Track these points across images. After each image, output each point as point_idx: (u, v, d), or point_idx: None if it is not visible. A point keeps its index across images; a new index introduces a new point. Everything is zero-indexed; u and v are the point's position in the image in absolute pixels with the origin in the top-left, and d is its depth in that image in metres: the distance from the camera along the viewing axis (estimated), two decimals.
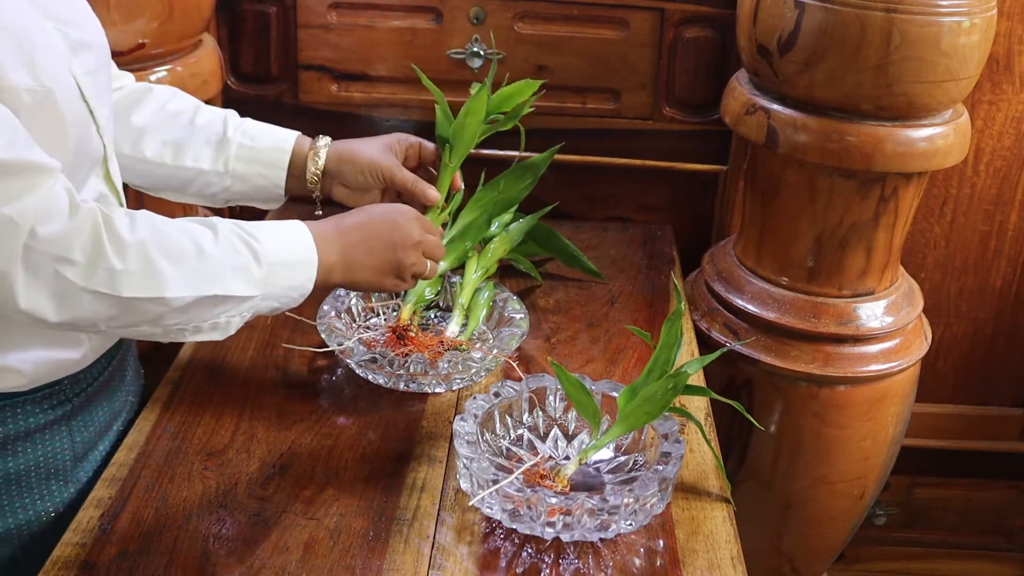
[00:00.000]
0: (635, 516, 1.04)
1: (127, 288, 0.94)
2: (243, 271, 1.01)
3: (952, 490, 2.13)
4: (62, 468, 1.12)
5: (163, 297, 0.96)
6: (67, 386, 1.11)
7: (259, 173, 1.25)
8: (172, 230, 0.99)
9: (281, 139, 1.27)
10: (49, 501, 1.11)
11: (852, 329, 1.52)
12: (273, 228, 1.06)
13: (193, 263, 0.98)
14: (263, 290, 1.03)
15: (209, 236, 1.01)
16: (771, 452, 1.60)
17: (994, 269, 1.92)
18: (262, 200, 1.29)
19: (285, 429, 1.21)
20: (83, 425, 1.14)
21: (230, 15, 1.71)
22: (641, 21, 1.70)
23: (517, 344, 1.32)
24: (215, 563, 1.01)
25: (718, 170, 1.78)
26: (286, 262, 1.05)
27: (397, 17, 1.70)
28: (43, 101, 0.93)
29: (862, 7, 1.32)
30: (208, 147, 1.23)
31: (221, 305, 1.01)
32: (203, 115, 1.24)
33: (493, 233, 1.49)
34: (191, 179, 1.24)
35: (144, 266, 0.95)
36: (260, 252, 1.02)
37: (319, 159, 1.26)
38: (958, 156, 1.46)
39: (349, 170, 1.26)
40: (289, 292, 1.06)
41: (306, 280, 1.07)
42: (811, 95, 1.41)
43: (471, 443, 1.09)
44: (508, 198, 1.50)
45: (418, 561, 1.03)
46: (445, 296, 1.45)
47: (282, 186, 1.27)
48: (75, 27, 1.02)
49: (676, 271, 1.65)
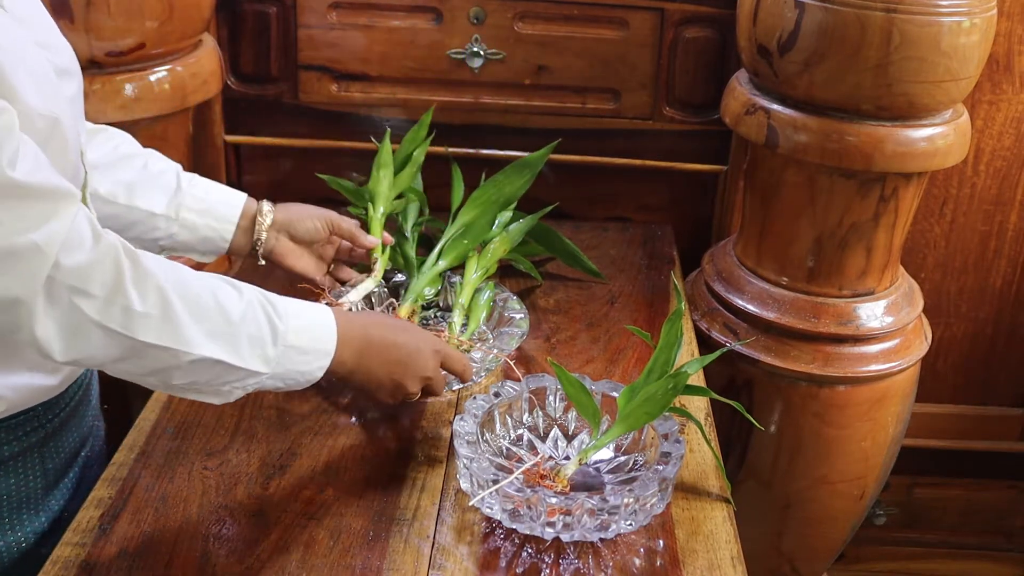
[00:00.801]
0: (635, 516, 1.04)
1: (142, 331, 0.92)
2: (259, 345, 0.99)
3: (952, 490, 2.13)
4: (33, 497, 1.10)
5: (177, 349, 0.94)
6: (41, 412, 1.08)
7: (209, 225, 1.27)
8: (196, 282, 0.97)
9: (232, 195, 1.31)
10: (20, 531, 1.09)
11: (852, 329, 1.52)
12: (299, 308, 1.04)
13: (214, 322, 0.96)
14: (273, 369, 1.00)
15: (234, 298, 0.98)
16: (771, 452, 1.60)
17: (994, 269, 1.92)
18: (202, 252, 1.30)
19: (285, 429, 1.21)
20: (54, 451, 1.12)
21: (230, 15, 1.71)
22: (641, 21, 1.70)
23: (517, 344, 1.32)
24: (215, 563, 1.01)
25: (718, 170, 1.78)
26: (303, 347, 1.02)
27: (397, 17, 1.70)
28: (53, 127, 0.92)
29: (862, 7, 1.32)
30: (162, 193, 1.24)
31: (230, 374, 0.98)
32: (155, 163, 1.26)
33: (493, 233, 1.49)
34: (138, 221, 1.23)
35: (164, 313, 0.93)
36: (280, 331, 1.00)
37: (268, 215, 1.31)
38: (958, 156, 1.46)
39: (298, 219, 1.33)
40: (297, 376, 1.04)
41: (317, 368, 1.04)
42: (811, 95, 1.41)
43: (471, 443, 1.09)
44: (506, 195, 1.51)
45: (418, 561, 1.03)
46: (445, 296, 1.45)
47: (228, 239, 1.29)
48: (57, 53, 1.00)
49: (676, 271, 1.65)
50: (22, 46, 0.91)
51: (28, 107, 0.88)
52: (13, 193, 0.84)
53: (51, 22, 1.03)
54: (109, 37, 1.44)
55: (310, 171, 1.74)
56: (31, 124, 0.88)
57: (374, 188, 1.46)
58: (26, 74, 0.89)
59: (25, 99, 0.88)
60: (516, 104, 1.75)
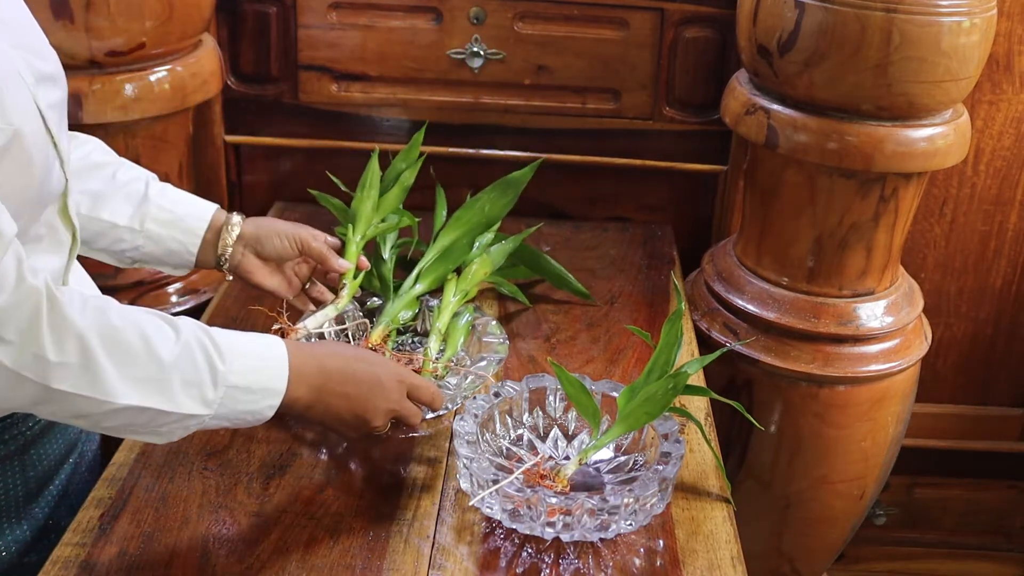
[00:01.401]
0: (635, 516, 1.04)
1: (57, 380, 0.87)
2: (195, 388, 0.93)
3: (952, 490, 2.13)
4: (14, 505, 1.07)
5: (97, 398, 0.89)
6: (20, 420, 1.05)
7: (174, 237, 1.22)
8: (126, 324, 0.91)
9: (200, 207, 1.25)
10: (1, 540, 1.07)
11: (852, 329, 1.52)
12: (246, 346, 0.98)
13: (140, 368, 0.90)
14: (216, 411, 0.95)
15: (169, 338, 0.93)
16: (771, 452, 1.60)
17: (994, 269, 1.92)
18: (171, 265, 1.26)
19: (285, 429, 1.21)
20: (36, 460, 1.09)
21: (230, 15, 1.71)
22: (641, 21, 1.70)
23: (495, 369, 1.27)
24: (215, 563, 1.01)
25: (718, 170, 1.78)
26: (248, 386, 0.96)
27: (397, 17, 1.70)
28: (10, 141, 0.86)
29: (862, 7, 1.32)
30: (127, 204, 1.19)
31: (163, 418, 0.93)
32: (125, 172, 1.21)
33: (473, 255, 1.43)
34: (102, 232, 1.19)
35: (83, 362, 0.88)
36: (220, 372, 0.94)
37: (234, 229, 1.24)
38: (958, 156, 1.46)
39: (266, 235, 1.25)
40: (245, 416, 0.98)
41: (266, 408, 0.98)
42: (811, 95, 1.41)
43: (471, 443, 1.09)
44: (489, 216, 1.46)
45: (418, 561, 1.03)
46: (423, 320, 1.39)
47: (194, 252, 1.24)
48: (39, 58, 0.96)
49: (676, 271, 1.65)
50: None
51: None
52: None
53: (36, 27, 0.99)
54: (109, 37, 1.44)
55: (310, 171, 1.74)
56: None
57: (356, 209, 1.37)
58: None
59: None
60: (516, 104, 1.75)
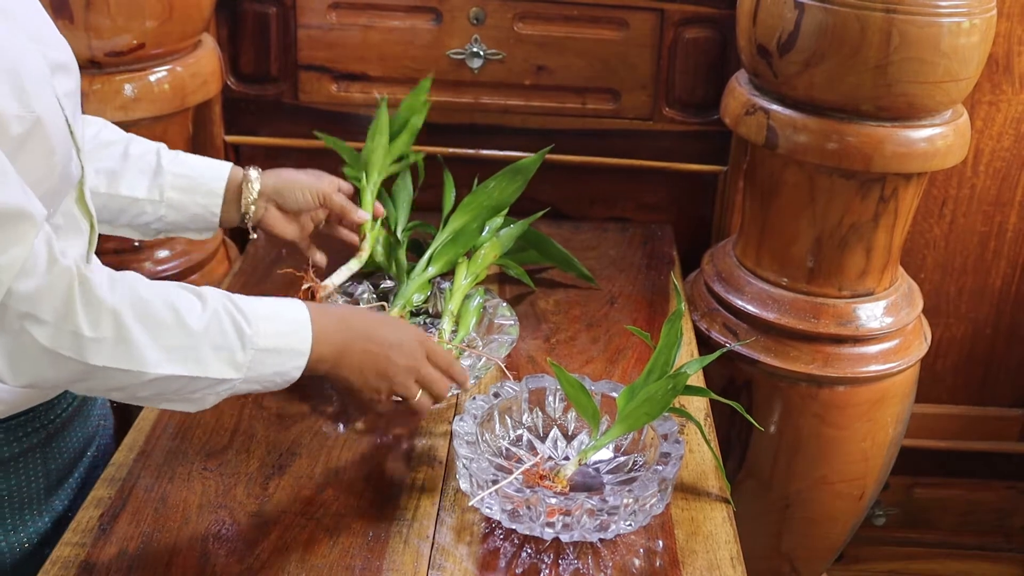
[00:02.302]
0: (635, 516, 1.04)
1: (95, 356, 0.90)
2: (225, 352, 0.96)
3: (952, 490, 2.13)
4: (35, 497, 1.10)
5: (133, 370, 0.92)
6: (42, 413, 1.08)
7: (195, 201, 1.24)
8: (154, 297, 0.94)
9: (216, 167, 1.27)
10: (23, 532, 1.09)
11: (852, 330, 1.52)
12: (271, 308, 1.01)
13: (172, 337, 0.93)
14: (245, 374, 0.98)
15: (196, 308, 0.95)
16: (771, 452, 1.60)
17: (994, 270, 1.92)
18: (195, 230, 1.27)
19: (285, 429, 1.21)
20: (57, 452, 1.12)
21: (230, 15, 1.71)
22: (641, 21, 1.70)
23: (507, 351, 1.31)
24: (215, 563, 1.01)
25: (718, 170, 1.78)
26: (276, 348, 0.99)
27: (397, 17, 1.70)
28: (32, 128, 0.88)
29: (862, 7, 1.32)
30: (143, 176, 1.21)
31: (196, 384, 0.96)
32: (136, 146, 1.23)
33: (483, 239, 1.47)
34: (124, 208, 1.21)
35: (118, 335, 0.90)
36: (248, 336, 0.97)
37: (255, 184, 1.27)
38: (958, 157, 1.46)
39: (288, 189, 1.29)
40: (274, 378, 1.01)
41: (293, 368, 1.01)
42: (811, 95, 1.41)
43: (471, 443, 1.09)
44: (498, 201, 1.49)
45: (418, 561, 1.03)
46: (435, 302, 1.43)
47: (217, 214, 1.26)
48: (52, 48, 0.99)
49: (676, 271, 1.65)
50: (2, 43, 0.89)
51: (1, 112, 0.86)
52: None
53: (46, 17, 1.01)
54: (109, 37, 1.44)
55: None
56: (4, 129, 0.86)
57: (368, 156, 1.43)
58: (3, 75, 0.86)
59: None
60: (516, 104, 1.75)
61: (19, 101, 0.87)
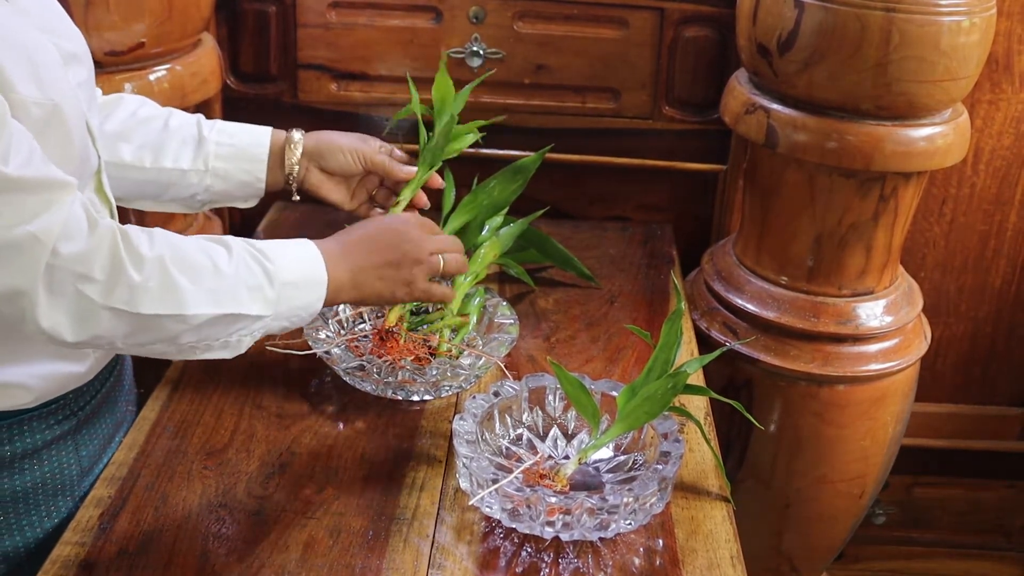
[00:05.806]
0: (635, 515, 1.04)
1: (146, 305, 0.95)
2: (257, 290, 1.02)
3: (952, 490, 2.13)
4: (68, 483, 1.12)
5: (182, 314, 0.97)
6: (72, 400, 1.10)
7: (241, 168, 1.26)
8: (188, 246, 1.00)
9: (258, 133, 1.29)
10: (57, 517, 1.11)
11: (852, 328, 1.52)
12: (281, 247, 1.07)
13: (210, 280, 0.99)
14: (275, 309, 1.04)
15: (223, 254, 1.01)
16: (771, 452, 1.60)
17: (994, 269, 1.92)
18: (241, 197, 1.29)
19: (285, 429, 1.21)
20: (88, 439, 1.14)
21: (230, 14, 1.71)
22: (641, 21, 1.70)
23: (507, 350, 1.31)
24: (215, 563, 1.01)
25: (718, 170, 1.78)
26: (296, 282, 1.05)
27: (397, 16, 1.70)
28: (51, 115, 0.93)
29: (862, 7, 1.32)
30: (186, 147, 1.23)
31: (236, 324, 1.02)
32: (176, 119, 1.25)
33: (483, 238, 1.46)
34: (172, 182, 1.24)
35: (163, 282, 0.96)
36: (272, 272, 1.03)
37: (298, 146, 1.28)
38: (958, 156, 1.46)
39: (329, 151, 1.29)
40: (299, 312, 1.07)
41: (315, 299, 1.07)
42: (811, 95, 1.41)
43: (471, 442, 1.09)
44: (498, 200, 1.48)
45: (418, 560, 1.03)
46: None
47: (263, 179, 1.27)
48: (65, 39, 1.02)
49: (676, 271, 1.65)
50: (19, 34, 0.92)
51: (23, 96, 0.89)
52: (7, 187, 0.86)
53: (59, 8, 1.04)
54: (108, 36, 1.44)
55: None
56: (26, 113, 0.90)
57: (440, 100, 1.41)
58: (22, 63, 0.90)
59: (19, 88, 0.89)
60: (516, 104, 1.75)
61: (39, 88, 0.91)
